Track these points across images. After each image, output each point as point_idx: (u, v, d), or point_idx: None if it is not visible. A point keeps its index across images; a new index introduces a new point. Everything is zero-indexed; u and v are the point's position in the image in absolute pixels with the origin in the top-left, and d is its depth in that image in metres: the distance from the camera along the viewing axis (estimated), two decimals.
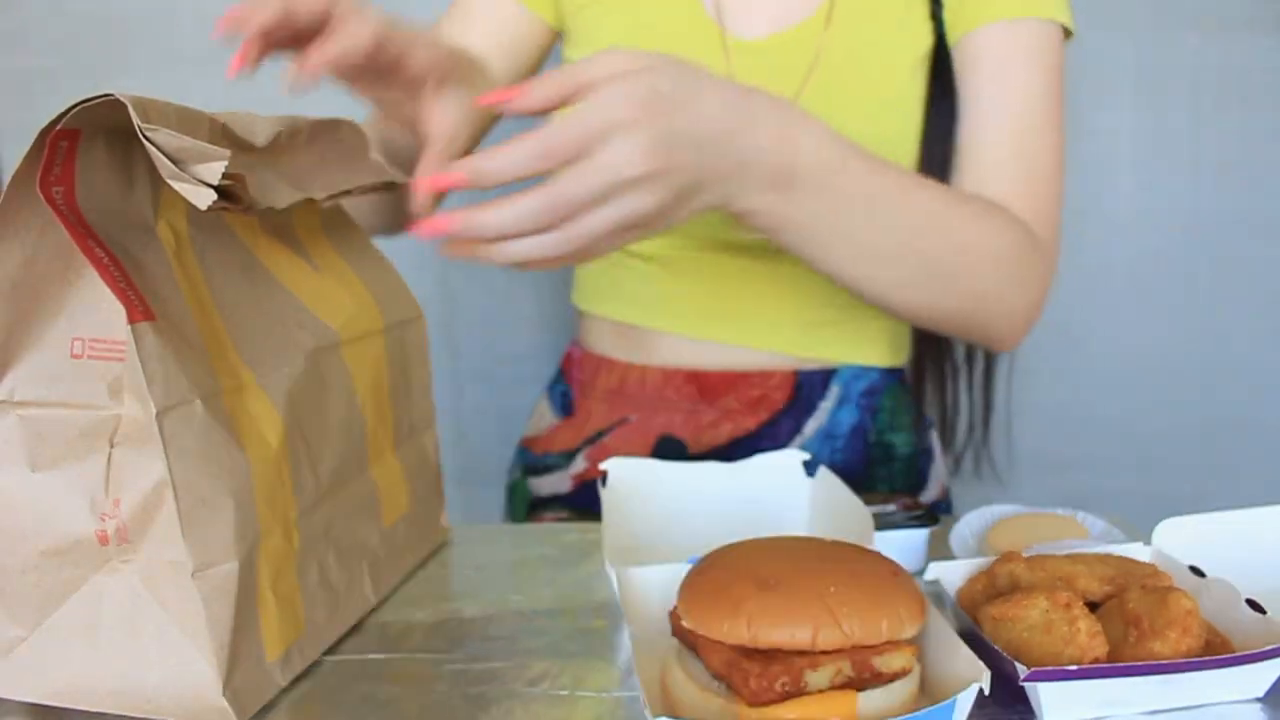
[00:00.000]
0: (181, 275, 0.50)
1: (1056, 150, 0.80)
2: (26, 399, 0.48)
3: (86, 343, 0.48)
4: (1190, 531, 0.58)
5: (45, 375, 0.48)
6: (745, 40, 0.82)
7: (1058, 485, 1.38)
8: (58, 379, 0.48)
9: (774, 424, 0.87)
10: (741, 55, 0.82)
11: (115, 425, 0.47)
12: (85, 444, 0.48)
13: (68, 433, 0.48)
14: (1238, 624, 0.51)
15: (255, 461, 0.51)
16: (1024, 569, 0.54)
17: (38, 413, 0.48)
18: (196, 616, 0.47)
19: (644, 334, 0.89)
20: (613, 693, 0.52)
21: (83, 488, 0.48)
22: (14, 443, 0.48)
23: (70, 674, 0.49)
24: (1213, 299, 1.35)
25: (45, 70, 1.33)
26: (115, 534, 0.48)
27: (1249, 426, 1.38)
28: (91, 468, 0.48)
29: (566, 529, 0.77)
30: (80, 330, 0.48)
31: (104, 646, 0.49)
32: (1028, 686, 0.47)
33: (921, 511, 0.67)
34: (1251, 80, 1.29)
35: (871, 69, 0.81)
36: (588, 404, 0.94)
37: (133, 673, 0.48)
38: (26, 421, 0.48)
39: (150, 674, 0.48)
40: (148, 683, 0.48)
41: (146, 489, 0.47)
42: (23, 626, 0.49)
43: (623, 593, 0.55)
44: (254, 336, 0.53)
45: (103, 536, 0.48)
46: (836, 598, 0.45)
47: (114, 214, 0.48)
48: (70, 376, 0.48)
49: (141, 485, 0.47)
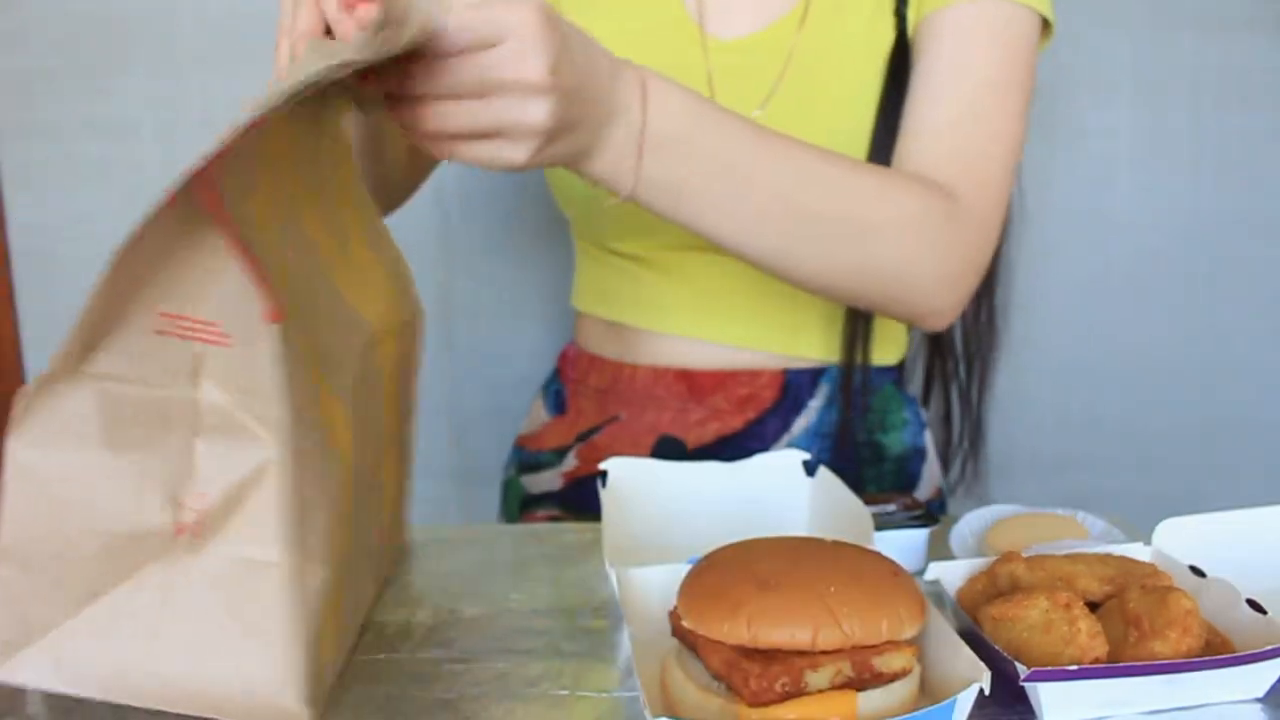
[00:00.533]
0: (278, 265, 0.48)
1: (1005, 134, 0.76)
2: (110, 373, 0.45)
3: (173, 319, 0.45)
4: (1190, 531, 0.58)
5: (131, 350, 0.45)
6: (724, 40, 0.83)
7: (1058, 485, 1.38)
8: (141, 355, 0.45)
9: (761, 423, 0.87)
10: (720, 55, 0.83)
11: (195, 410, 0.45)
12: (165, 428, 0.45)
13: (148, 414, 0.45)
14: (1238, 624, 0.51)
15: (340, 468, 0.49)
16: (1024, 569, 0.54)
17: (118, 389, 0.45)
18: (284, 619, 0.45)
19: (634, 333, 0.90)
20: (613, 693, 0.52)
21: (162, 475, 0.45)
22: (91, 419, 0.45)
23: (114, 666, 0.46)
24: (1213, 299, 1.35)
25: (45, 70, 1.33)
26: (192, 526, 0.45)
27: (1249, 426, 1.38)
28: (173, 454, 0.45)
29: (567, 529, 0.77)
30: (167, 304, 0.45)
31: (159, 640, 0.46)
32: (1028, 687, 0.47)
33: (921, 511, 0.68)
34: (1251, 80, 1.29)
35: (841, 67, 0.81)
36: (579, 402, 0.94)
37: (191, 669, 0.46)
38: (106, 397, 0.45)
39: (211, 672, 0.46)
40: (207, 680, 0.46)
41: (232, 483, 0.45)
42: (61, 612, 0.46)
43: (623, 593, 0.55)
44: (321, 334, 0.51)
45: (180, 528, 0.45)
46: (837, 598, 0.45)
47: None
48: (152, 353, 0.45)
49: (227, 479, 0.45)
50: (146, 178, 1.36)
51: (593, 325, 0.94)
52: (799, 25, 0.81)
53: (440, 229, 1.33)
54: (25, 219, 1.37)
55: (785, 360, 0.87)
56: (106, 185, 1.36)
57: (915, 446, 0.93)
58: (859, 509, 0.62)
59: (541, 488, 0.96)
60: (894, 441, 0.91)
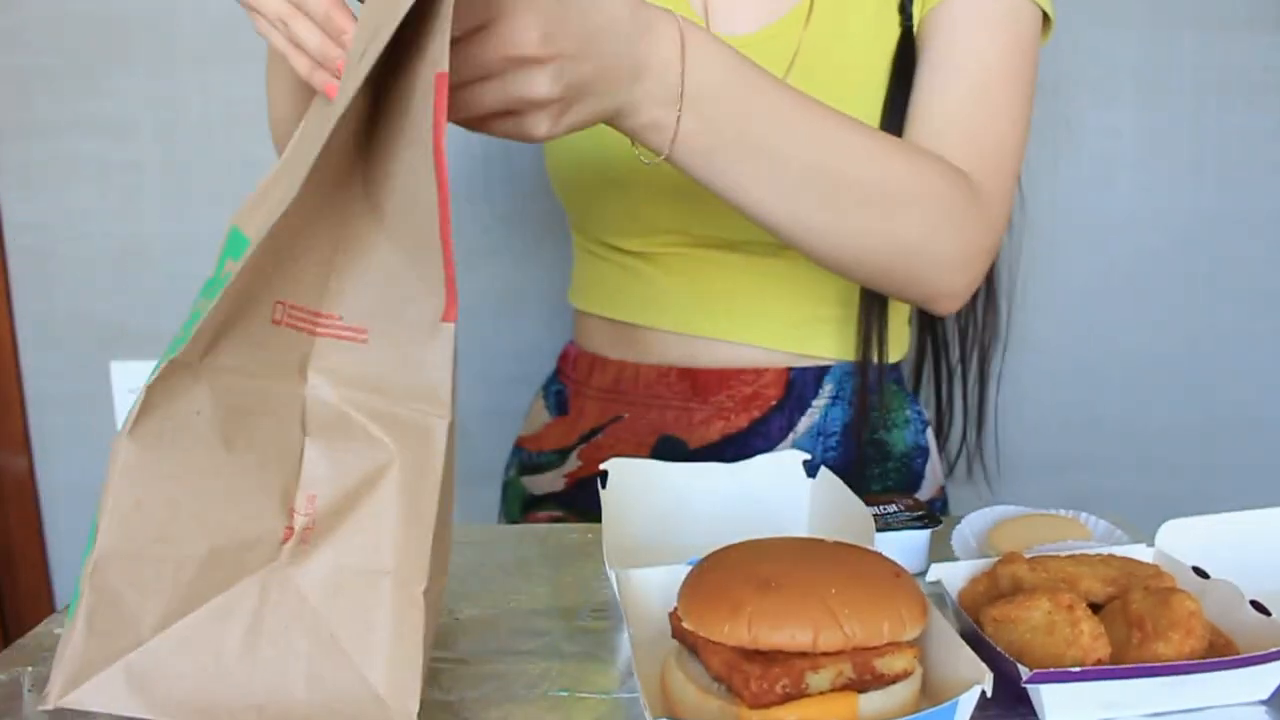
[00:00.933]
0: None
1: (1014, 121, 0.77)
2: (225, 365, 0.42)
3: (286, 308, 0.43)
4: (1194, 533, 0.58)
5: (250, 339, 0.42)
6: (731, 36, 0.83)
7: (1058, 485, 1.38)
8: (258, 345, 0.43)
9: (766, 421, 0.87)
10: None
11: (302, 407, 0.43)
12: (276, 426, 0.43)
13: (260, 410, 0.43)
14: (1242, 625, 0.50)
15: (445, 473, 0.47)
16: (1026, 570, 0.54)
17: (231, 381, 0.42)
18: (408, 634, 0.43)
19: (637, 331, 0.89)
20: (612, 694, 0.52)
21: (277, 477, 0.43)
22: (208, 414, 0.42)
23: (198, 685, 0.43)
24: (1213, 299, 1.35)
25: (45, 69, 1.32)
26: (300, 533, 0.43)
27: (1249, 426, 1.38)
28: (286, 455, 0.43)
29: (566, 529, 0.77)
30: (284, 293, 0.43)
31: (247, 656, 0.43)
32: (1030, 688, 0.47)
33: (923, 512, 0.67)
34: (1252, 79, 1.29)
35: (847, 64, 0.81)
36: (581, 402, 0.94)
37: (281, 686, 0.43)
38: (220, 391, 0.42)
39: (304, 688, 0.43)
40: (298, 698, 0.43)
41: (344, 488, 0.43)
42: (146, 628, 0.43)
43: (623, 594, 0.55)
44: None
45: (288, 534, 0.43)
46: (838, 599, 0.45)
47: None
48: (268, 343, 0.43)
49: (339, 482, 0.43)
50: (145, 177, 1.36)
51: (593, 324, 0.94)
52: (804, 22, 0.81)
53: None
54: (23, 218, 1.37)
55: (790, 358, 0.87)
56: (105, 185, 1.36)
57: (919, 444, 0.93)
58: (860, 510, 0.61)
59: (544, 489, 0.96)
60: (898, 440, 0.91)
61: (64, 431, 1.46)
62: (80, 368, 1.43)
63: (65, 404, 1.44)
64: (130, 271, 1.38)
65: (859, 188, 0.67)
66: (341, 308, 0.44)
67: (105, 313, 1.40)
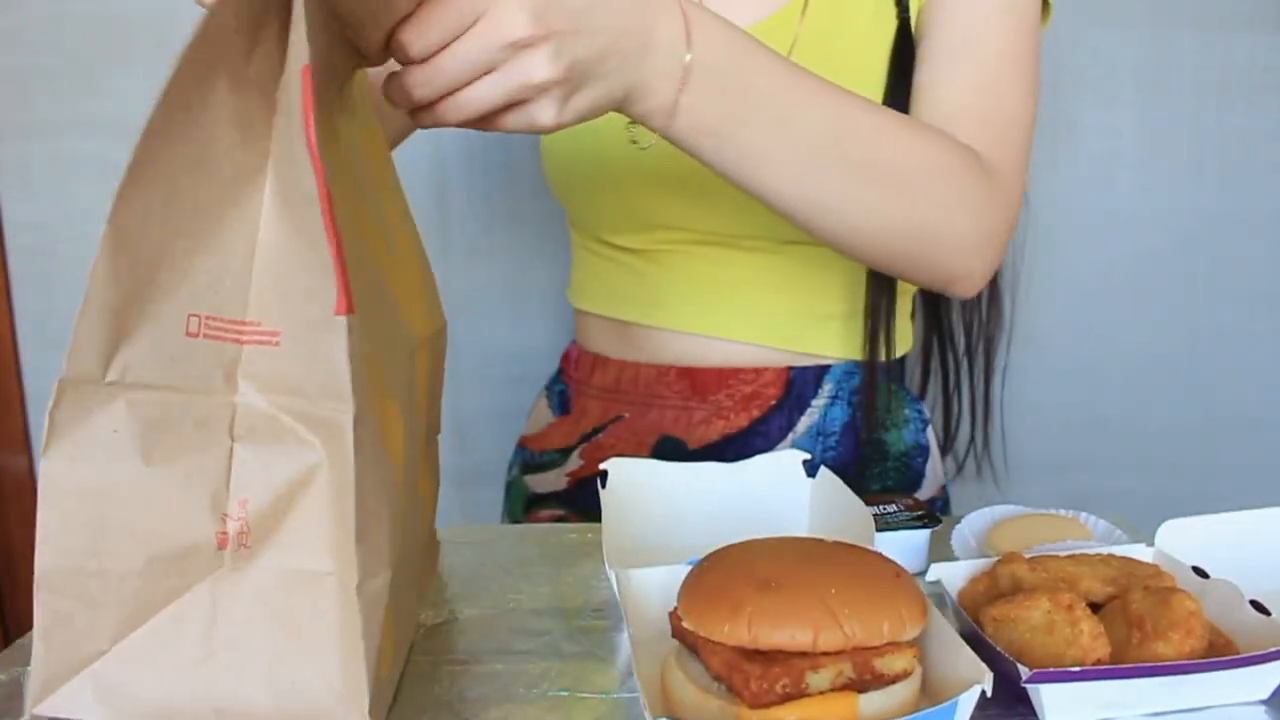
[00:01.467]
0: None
1: (1023, 103, 0.76)
2: (140, 381, 0.42)
3: (203, 320, 0.43)
4: (1194, 532, 0.58)
5: (161, 354, 0.43)
6: None
7: (1058, 485, 1.37)
8: (173, 360, 0.43)
9: (765, 421, 0.87)
10: None
11: (232, 415, 0.43)
12: (203, 435, 0.43)
13: (184, 422, 0.43)
14: (1242, 625, 0.50)
15: (394, 470, 0.48)
16: (1026, 570, 0.54)
17: (150, 396, 0.43)
18: (349, 632, 0.43)
19: (636, 329, 0.89)
20: (612, 694, 0.52)
21: (203, 485, 0.43)
22: (125, 431, 0.43)
23: (161, 694, 0.44)
24: (1213, 299, 1.35)
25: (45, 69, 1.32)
26: (236, 537, 0.44)
27: (1249, 426, 1.38)
28: (211, 463, 0.43)
29: (566, 529, 0.77)
30: (199, 305, 0.43)
31: (209, 663, 0.44)
32: (1030, 688, 0.47)
33: (923, 512, 0.67)
34: (1252, 79, 1.29)
35: (844, 57, 0.81)
36: (583, 402, 0.94)
37: (244, 690, 0.44)
38: (138, 406, 0.43)
39: (267, 692, 0.44)
40: (263, 701, 0.44)
41: (277, 491, 0.43)
42: (105, 638, 0.44)
43: (623, 594, 0.55)
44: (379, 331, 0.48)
45: (222, 539, 0.43)
46: (838, 599, 0.45)
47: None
48: (185, 358, 0.43)
49: (270, 486, 0.43)
50: None
51: (593, 323, 0.94)
52: (800, 15, 0.80)
53: (440, 228, 1.32)
54: (22, 218, 1.37)
55: (789, 357, 0.87)
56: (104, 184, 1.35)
57: (919, 443, 0.93)
58: (860, 509, 0.61)
59: (547, 488, 0.96)
60: (897, 439, 0.91)
61: None
62: None
63: None
64: None
65: (872, 166, 0.66)
66: (259, 312, 0.44)
67: None
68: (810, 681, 0.45)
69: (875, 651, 0.45)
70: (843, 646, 0.44)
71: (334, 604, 0.44)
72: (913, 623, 0.46)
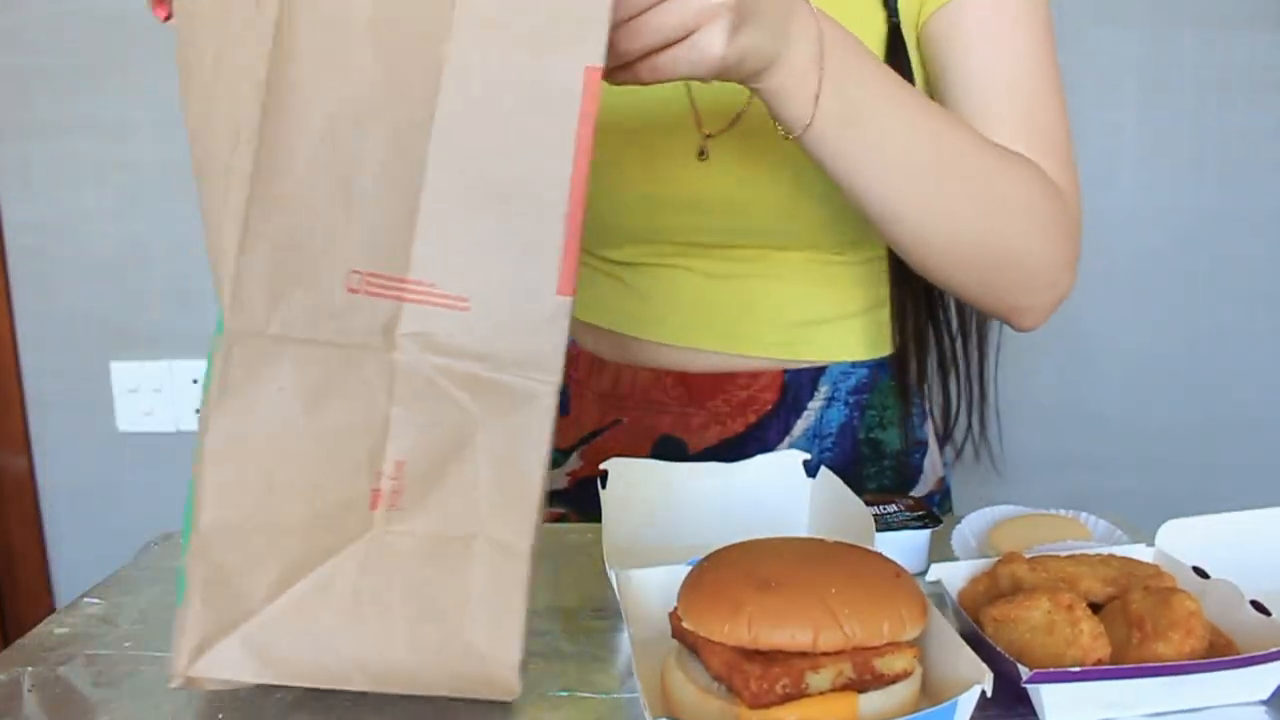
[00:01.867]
0: None
1: (1064, 115, 0.76)
2: (303, 336, 0.43)
3: (364, 276, 0.43)
4: (1194, 533, 0.58)
5: (321, 309, 0.43)
6: None
7: (1058, 485, 1.38)
8: (332, 315, 0.43)
9: (761, 427, 0.86)
10: None
11: (391, 374, 0.44)
12: (363, 393, 0.44)
13: (345, 379, 0.43)
14: (1242, 625, 0.50)
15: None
16: (1026, 570, 0.54)
17: (313, 352, 0.43)
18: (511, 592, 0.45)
19: (630, 341, 0.89)
20: (612, 694, 0.52)
21: (360, 444, 0.44)
22: (291, 388, 0.43)
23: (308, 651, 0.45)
24: (1213, 299, 1.35)
25: (45, 69, 1.32)
26: (389, 497, 0.44)
27: (1249, 426, 1.38)
28: (369, 421, 0.44)
29: (566, 529, 0.77)
30: (358, 260, 0.43)
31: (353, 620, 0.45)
32: (1030, 688, 0.47)
33: (923, 512, 0.67)
34: (1253, 77, 1.29)
35: None
36: (581, 404, 0.94)
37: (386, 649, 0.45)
38: (302, 363, 0.43)
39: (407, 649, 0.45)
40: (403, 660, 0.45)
41: (432, 453, 0.44)
42: (261, 597, 0.45)
43: (623, 594, 0.55)
44: None
45: (375, 498, 0.44)
46: (838, 599, 0.45)
47: None
48: (345, 312, 0.43)
49: (428, 448, 0.44)
50: (143, 177, 1.36)
51: (586, 331, 0.94)
52: None
53: None
54: (22, 217, 1.37)
55: (784, 362, 0.87)
56: (105, 185, 1.36)
57: (916, 439, 0.92)
58: (860, 510, 0.61)
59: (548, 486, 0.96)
60: (892, 438, 0.91)
61: (64, 431, 1.46)
62: (80, 368, 1.43)
63: (65, 404, 1.44)
64: (130, 271, 1.38)
65: (964, 184, 0.66)
66: (435, 274, 0.44)
67: (105, 313, 1.40)
68: (810, 681, 0.45)
69: (875, 651, 0.45)
70: (843, 646, 0.44)
71: (485, 565, 0.45)
72: (913, 623, 0.46)
